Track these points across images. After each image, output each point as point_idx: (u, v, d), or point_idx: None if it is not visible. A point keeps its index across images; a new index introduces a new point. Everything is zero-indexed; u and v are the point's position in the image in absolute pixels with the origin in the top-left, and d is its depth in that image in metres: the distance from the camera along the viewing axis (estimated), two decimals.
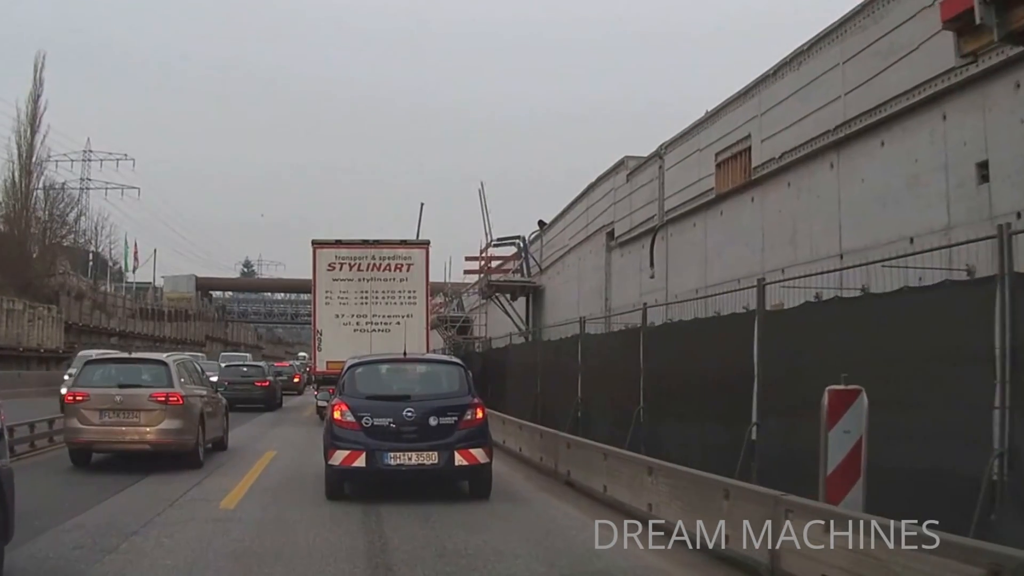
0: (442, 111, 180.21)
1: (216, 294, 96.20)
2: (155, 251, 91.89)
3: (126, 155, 78.21)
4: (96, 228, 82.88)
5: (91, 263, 65.24)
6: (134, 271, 79.30)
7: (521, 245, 30.64)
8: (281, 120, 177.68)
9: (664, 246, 19.79)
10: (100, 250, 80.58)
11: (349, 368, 11.25)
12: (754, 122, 16.16)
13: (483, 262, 31.72)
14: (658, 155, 20.15)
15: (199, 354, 35.09)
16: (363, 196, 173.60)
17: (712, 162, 17.59)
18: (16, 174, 56.71)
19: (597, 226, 24.10)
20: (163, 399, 12.74)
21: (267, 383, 28.80)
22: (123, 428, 12.59)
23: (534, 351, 19.06)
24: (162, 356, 14.81)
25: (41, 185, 58.96)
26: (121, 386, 12.90)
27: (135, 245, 75.70)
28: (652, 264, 19.93)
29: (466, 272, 35.44)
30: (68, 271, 47.02)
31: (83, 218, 78.35)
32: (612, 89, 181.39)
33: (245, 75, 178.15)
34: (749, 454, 9.45)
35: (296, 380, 39.92)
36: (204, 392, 14.52)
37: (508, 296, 30.27)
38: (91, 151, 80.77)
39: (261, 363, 35.41)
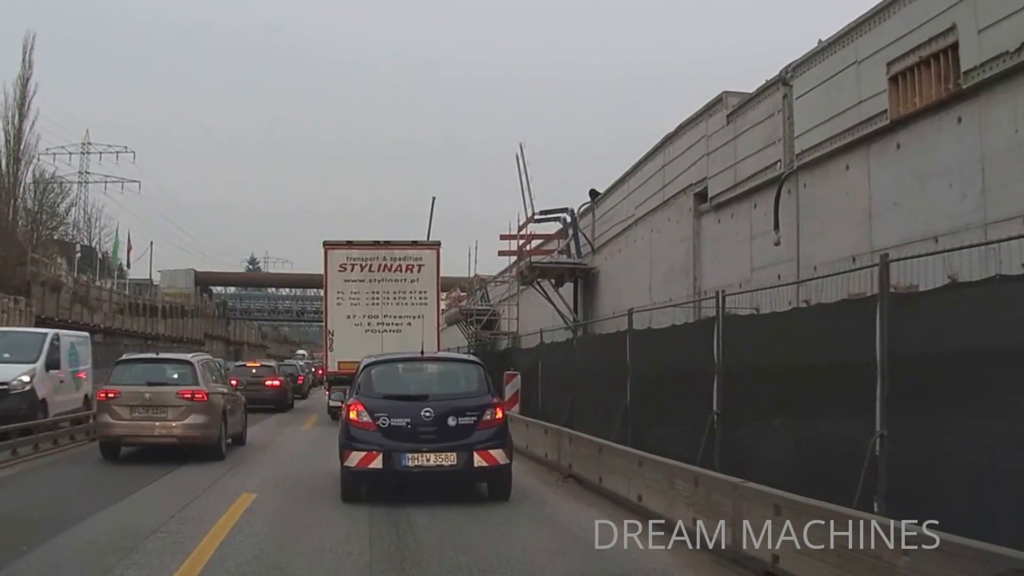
0: (472, 81, 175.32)
1: (218, 290, 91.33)
2: (151, 244, 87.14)
3: (126, 147, 74.09)
4: (90, 220, 78.51)
5: (78, 254, 60.36)
6: (129, 265, 74.67)
7: (568, 220, 25.35)
8: (288, 111, 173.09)
9: (793, 201, 14.55)
10: (94, 244, 76.23)
11: (365, 367, 10.84)
12: (962, 7, 10.94)
13: (522, 241, 26.41)
14: (781, 81, 14.90)
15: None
16: (381, 184, 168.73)
17: (882, 75, 12.36)
18: (2, 162, 52.25)
19: (680, 186, 18.85)
20: (189, 396, 13.62)
21: (279, 383, 27.61)
22: (153, 423, 13.47)
23: (617, 347, 13.79)
24: (187, 356, 15.36)
25: (31, 174, 54.46)
26: (150, 384, 13.80)
27: (128, 237, 70.99)
28: (777, 226, 14.66)
29: (500, 253, 30.22)
30: (41, 258, 41.85)
31: (75, 209, 74.36)
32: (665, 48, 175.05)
33: (247, 69, 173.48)
34: None
35: (299, 382, 34.74)
36: (225, 390, 15.27)
37: (553, 281, 25.01)
38: (90, 143, 76.58)
39: (272, 362, 33.74)
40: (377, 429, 9.89)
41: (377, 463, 9.75)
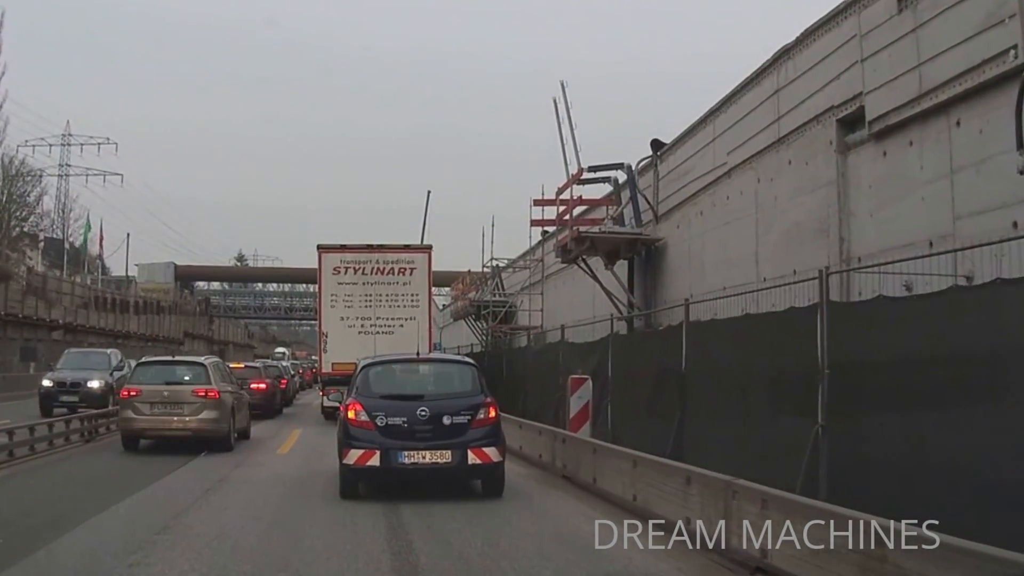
0: (474, 74, 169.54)
1: (201, 286, 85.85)
2: (127, 235, 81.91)
3: (108, 139, 70.23)
4: (63, 211, 73.23)
5: (41, 243, 54.90)
6: (100, 257, 69.39)
7: (623, 179, 19.97)
8: (283, 107, 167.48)
9: None
10: (69, 236, 70.99)
11: (363, 368, 11.17)
12: None
13: (563, 207, 20.95)
14: None
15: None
16: (377, 180, 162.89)
17: None
18: None
19: (810, 113, 13.53)
20: (203, 394, 15.14)
21: (265, 385, 25.33)
22: (171, 418, 14.99)
23: (793, 333, 8.43)
24: (200, 359, 17.07)
25: None
26: (168, 383, 15.30)
27: (101, 227, 65.69)
28: (1021, 144, 9.33)
29: (534, 223, 24.78)
30: None
31: (46, 198, 69.56)
32: None
33: (241, 63, 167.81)
34: None
35: (282, 385, 29.24)
36: (232, 389, 16.69)
37: (604, 258, 19.66)
38: (71, 135, 71.60)
39: (257, 363, 30.17)
40: (375, 428, 10.18)
41: (375, 460, 10.03)
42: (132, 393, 15.09)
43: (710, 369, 10.41)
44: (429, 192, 50.06)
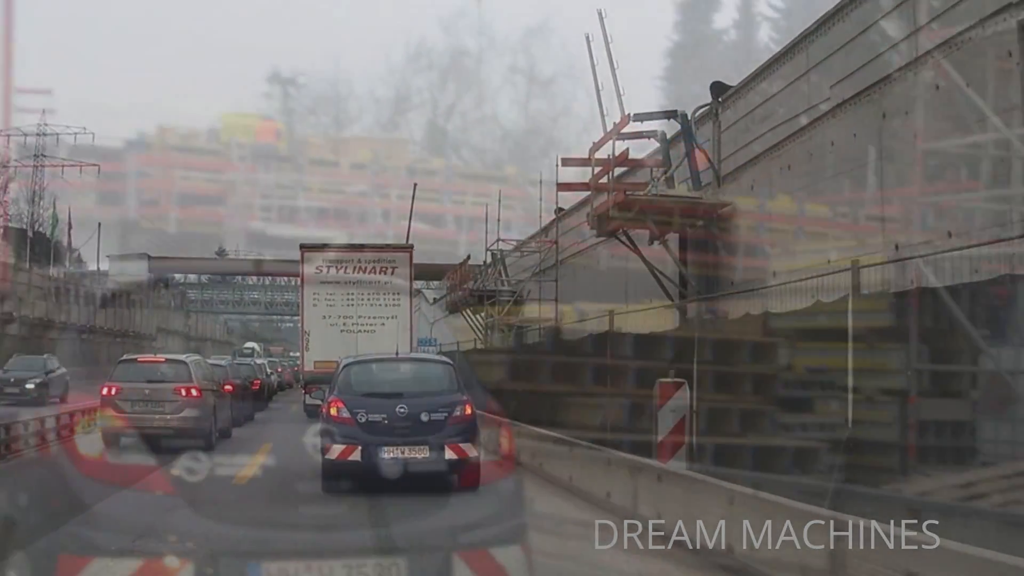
0: None
1: (179, 280, 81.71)
2: (99, 225, 77.61)
3: (84, 128, 66.47)
4: (33, 200, 69.28)
5: (0, 232, 50.84)
6: (70, 247, 65.39)
7: (677, 131, 16.22)
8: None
9: None
10: (37, 227, 67.05)
11: (345, 367, 11.72)
12: None
13: (599, 168, 17.13)
14: None
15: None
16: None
17: None
18: None
19: (967, 20, 9.91)
20: (185, 392, 15.22)
21: (231, 388, 21.76)
22: (152, 415, 14.93)
23: None
24: (182, 357, 17.67)
25: None
26: (149, 381, 15.41)
27: (68, 217, 61.64)
28: None
29: (561, 188, 20.81)
30: None
31: (14, 186, 65.86)
32: None
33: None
34: None
35: (254, 387, 25.51)
36: (215, 388, 16.85)
37: (655, 230, 15.93)
38: (46, 124, 67.75)
39: (222, 361, 27.20)
40: (356, 424, 10.59)
41: (356, 456, 10.41)
42: (114, 391, 15.10)
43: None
44: (416, 184, 47.02)
